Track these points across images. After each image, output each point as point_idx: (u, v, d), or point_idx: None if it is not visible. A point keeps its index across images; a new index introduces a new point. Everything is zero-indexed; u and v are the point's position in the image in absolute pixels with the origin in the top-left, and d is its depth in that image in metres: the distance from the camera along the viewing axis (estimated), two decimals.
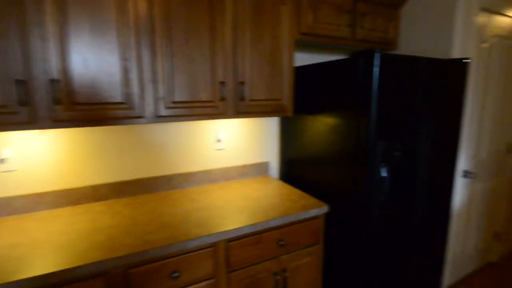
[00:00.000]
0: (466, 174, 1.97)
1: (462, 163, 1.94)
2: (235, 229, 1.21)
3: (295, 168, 1.82)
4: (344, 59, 1.37)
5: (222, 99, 1.40)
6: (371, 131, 1.29)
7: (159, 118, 1.28)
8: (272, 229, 1.32)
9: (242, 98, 1.45)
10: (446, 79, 1.49)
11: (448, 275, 2.11)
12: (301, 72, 1.66)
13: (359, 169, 1.36)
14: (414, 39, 1.90)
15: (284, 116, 1.62)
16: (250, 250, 1.28)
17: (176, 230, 1.18)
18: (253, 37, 1.43)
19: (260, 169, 1.93)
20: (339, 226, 1.51)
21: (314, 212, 1.42)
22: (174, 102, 1.29)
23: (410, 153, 1.46)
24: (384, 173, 1.39)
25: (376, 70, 1.23)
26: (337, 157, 1.48)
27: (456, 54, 1.71)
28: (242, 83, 1.44)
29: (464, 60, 1.52)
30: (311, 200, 1.53)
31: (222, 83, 1.38)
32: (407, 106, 1.39)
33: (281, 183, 1.81)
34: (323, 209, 1.46)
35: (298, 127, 1.75)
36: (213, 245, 1.19)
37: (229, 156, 1.83)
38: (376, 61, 1.23)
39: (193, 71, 1.30)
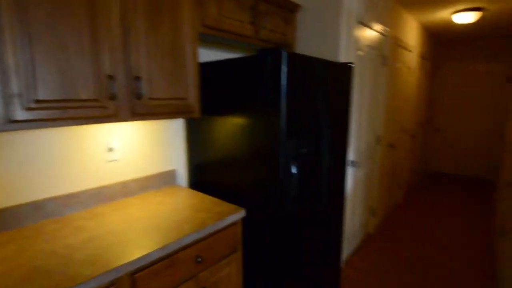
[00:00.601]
0: (353, 163, 2.28)
1: (350, 154, 2.24)
2: (140, 257, 0.98)
3: (206, 174, 1.68)
4: (252, 56, 1.33)
5: (112, 97, 1.12)
6: (282, 129, 1.28)
7: (14, 124, 0.90)
8: (187, 247, 1.15)
9: (139, 97, 1.20)
10: (338, 80, 1.65)
11: (345, 249, 2.41)
12: (208, 69, 1.53)
13: (272, 168, 1.34)
14: (309, 43, 2.06)
15: (191, 117, 1.46)
16: (163, 276, 1.07)
17: (54, 277, 0.86)
18: (149, 25, 1.21)
19: (165, 178, 1.70)
20: (255, 228, 1.47)
21: (231, 218, 1.33)
22: (38, 101, 0.94)
23: (314, 149, 1.55)
24: (294, 170, 1.42)
25: (284, 67, 1.23)
26: (249, 158, 1.43)
27: (341, 59, 1.94)
28: (138, 78, 1.20)
29: (350, 64, 1.72)
30: (226, 206, 1.42)
31: (111, 77, 1.11)
32: (310, 104, 1.46)
33: (191, 191, 1.63)
34: (240, 213, 1.38)
35: (207, 128, 1.61)
36: (113, 283, 0.93)
37: (125, 168, 1.52)
38: (284, 59, 1.23)
39: (66, 61, 0.99)
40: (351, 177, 2.32)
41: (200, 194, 1.60)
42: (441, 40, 5.06)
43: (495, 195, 3.60)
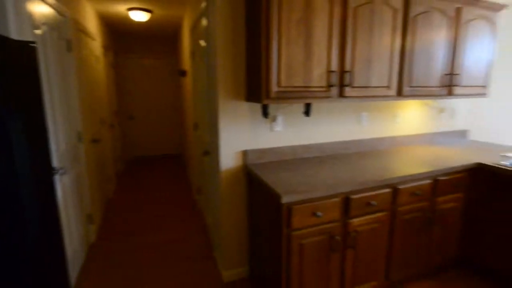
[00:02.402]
0: (56, 170, 1.84)
1: (54, 160, 1.77)
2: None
3: None
4: None
5: None
6: None
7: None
8: None
9: None
10: (16, 65, 1.18)
11: (72, 274, 1.97)
12: None
13: None
14: None
15: None
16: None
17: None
18: None
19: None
20: None
21: None
22: None
23: (3, 155, 1.04)
24: None
25: None
26: None
27: (13, 35, 1.40)
28: None
29: (31, 44, 1.28)
30: None
31: None
32: None
33: None
34: None
35: None
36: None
37: None
38: None
39: None
40: (58, 187, 1.87)
41: None
42: (122, 33, 5.29)
43: (187, 165, 4.62)
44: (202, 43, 2.40)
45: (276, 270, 1.59)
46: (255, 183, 1.86)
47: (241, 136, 1.96)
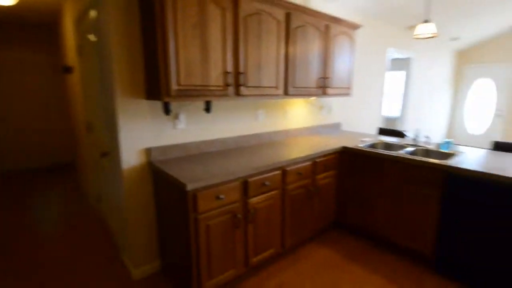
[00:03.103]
0: None
1: None
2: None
3: None
4: None
5: None
6: None
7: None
8: None
9: None
10: None
11: None
12: None
13: None
14: None
15: None
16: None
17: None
18: None
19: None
20: None
21: None
22: None
23: None
24: None
25: None
26: None
27: None
28: None
29: None
30: None
31: None
32: None
33: None
34: None
35: None
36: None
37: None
38: None
39: None
40: None
41: None
42: None
43: (81, 173, 4.15)
44: (92, 37, 2.29)
45: (186, 252, 1.73)
46: (161, 178, 1.94)
47: (143, 133, 2.00)
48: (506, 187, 1.80)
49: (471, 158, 2.25)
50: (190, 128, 2.24)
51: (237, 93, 2.05)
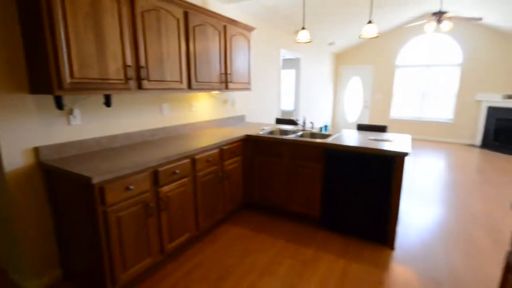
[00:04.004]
0: None
1: None
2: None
3: None
4: None
5: None
6: None
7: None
8: None
9: None
10: None
11: None
12: None
13: None
14: None
15: None
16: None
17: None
18: None
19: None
20: None
21: None
22: None
23: None
24: None
25: None
26: None
27: None
28: None
29: None
30: None
31: None
32: None
33: None
34: None
35: None
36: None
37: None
38: None
39: None
40: None
41: None
42: None
43: None
44: None
45: (97, 247, 1.69)
46: (58, 177, 1.81)
47: (29, 132, 1.81)
48: (357, 154, 2.44)
49: (342, 137, 2.89)
50: (89, 123, 2.14)
51: (140, 87, 2.08)
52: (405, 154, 2.25)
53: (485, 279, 2.11)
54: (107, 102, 2.14)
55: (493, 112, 6.53)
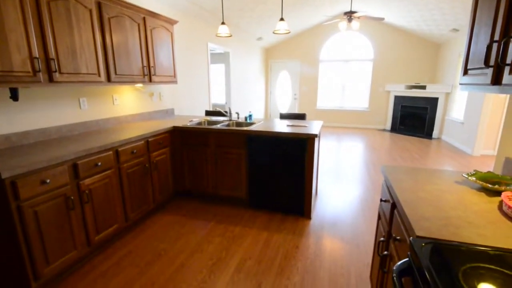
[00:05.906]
0: None
1: None
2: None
3: None
4: None
5: None
6: None
7: None
8: None
9: None
10: None
11: None
12: None
13: None
14: None
15: None
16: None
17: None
18: None
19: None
20: None
21: None
22: None
23: None
24: None
25: None
26: None
27: None
28: None
29: None
30: None
31: None
32: None
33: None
34: None
35: None
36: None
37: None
38: None
39: None
40: None
41: None
42: None
43: None
44: None
45: (13, 244, 1.65)
46: None
47: None
48: (275, 139, 2.78)
49: (264, 124, 3.21)
50: None
51: (51, 80, 2.02)
52: (315, 135, 2.66)
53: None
54: (14, 96, 2.02)
55: (398, 100, 7.78)
